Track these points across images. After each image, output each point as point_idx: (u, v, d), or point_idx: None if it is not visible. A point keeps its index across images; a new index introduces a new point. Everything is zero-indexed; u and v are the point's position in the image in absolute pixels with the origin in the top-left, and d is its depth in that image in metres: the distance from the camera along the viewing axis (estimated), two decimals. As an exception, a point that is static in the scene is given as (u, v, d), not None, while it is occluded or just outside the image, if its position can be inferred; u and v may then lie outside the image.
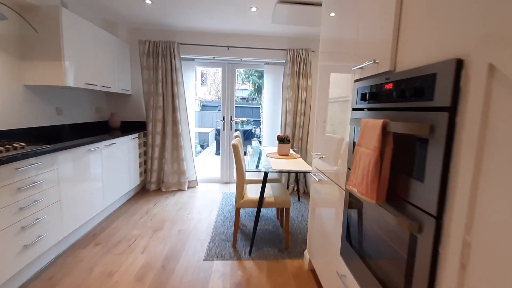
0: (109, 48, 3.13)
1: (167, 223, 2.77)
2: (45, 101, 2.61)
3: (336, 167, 1.45)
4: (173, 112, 3.75)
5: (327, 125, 1.64)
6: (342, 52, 1.43)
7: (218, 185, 4.18)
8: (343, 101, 1.41)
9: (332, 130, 1.55)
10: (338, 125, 1.45)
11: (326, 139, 1.66)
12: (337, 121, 1.47)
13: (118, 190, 3.00)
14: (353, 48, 1.28)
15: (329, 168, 1.58)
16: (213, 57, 3.94)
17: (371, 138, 0.94)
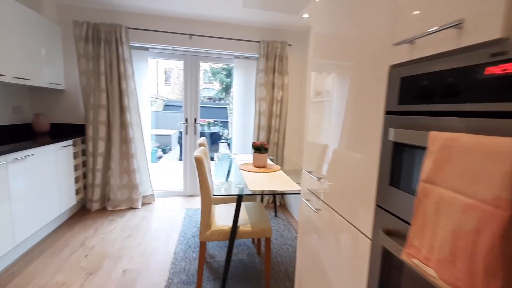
0: (28, 28, 2.33)
1: (108, 260, 2.09)
2: None
3: (352, 201, 0.96)
4: (121, 113, 3.02)
5: (326, 136, 1.15)
6: (364, 26, 0.94)
7: (181, 200, 3.53)
8: (364, 103, 0.92)
9: (343, 143, 1.06)
10: (353, 137, 0.96)
11: (331, 155, 1.16)
12: (351, 132, 0.98)
13: (40, 218, 2.23)
14: (390, 9, 0.79)
15: (336, 197, 1.08)
16: (172, 47, 3.29)
17: (479, 176, 0.45)
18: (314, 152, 1.32)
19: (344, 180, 1.01)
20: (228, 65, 11.19)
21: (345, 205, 1.00)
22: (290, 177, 2.01)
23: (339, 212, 1.05)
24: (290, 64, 3.50)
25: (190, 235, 2.56)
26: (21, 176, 1.99)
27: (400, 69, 0.73)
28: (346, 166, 1.00)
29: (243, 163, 2.46)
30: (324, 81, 1.23)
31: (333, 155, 1.11)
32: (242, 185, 1.79)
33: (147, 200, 3.33)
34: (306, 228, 1.40)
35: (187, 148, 3.63)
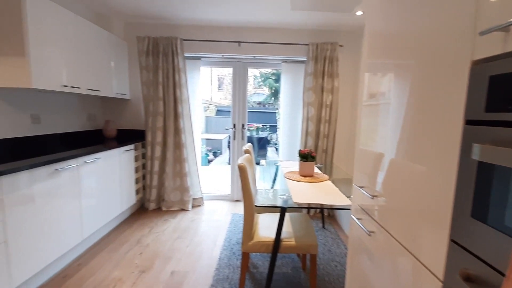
0: (100, 45, 2.65)
1: (159, 260, 2.20)
2: (14, 107, 2.14)
3: (415, 227, 0.80)
4: (175, 119, 3.21)
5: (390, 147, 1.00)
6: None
7: (227, 204, 3.59)
8: (433, 107, 0.76)
9: (403, 152, 0.90)
10: (417, 146, 0.80)
11: (387, 166, 1.01)
12: (415, 139, 0.82)
13: (105, 215, 2.48)
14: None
15: (394, 219, 0.93)
16: (222, 55, 3.39)
17: None
18: (366, 162, 1.17)
19: (404, 199, 0.85)
20: (276, 70, 11.24)
21: (406, 231, 0.84)
22: (339, 189, 1.85)
23: (398, 238, 0.89)
24: (341, 66, 3.29)
25: (235, 241, 2.56)
26: (90, 176, 2.24)
27: (488, 65, 0.57)
28: (408, 181, 0.84)
29: (288, 171, 2.36)
30: (381, 82, 1.08)
31: (390, 166, 0.96)
32: (287, 195, 1.70)
33: (196, 203, 3.47)
34: (357, 249, 1.25)
35: (235, 153, 3.68)
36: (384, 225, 0.98)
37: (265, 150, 7.85)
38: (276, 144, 10.04)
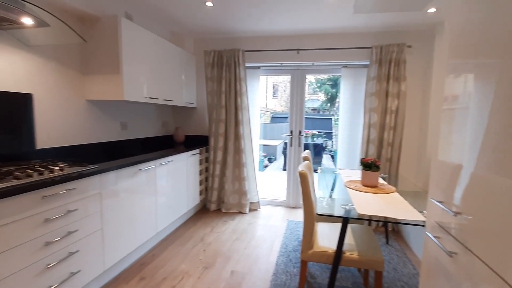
0: (174, 60, 2.99)
1: (220, 258, 2.34)
2: (109, 116, 2.56)
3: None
4: (235, 126, 3.40)
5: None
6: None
7: (283, 210, 3.61)
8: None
9: (496, 165, 0.81)
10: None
11: (476, 181, 0.91)
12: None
13: (174, 212, 2.75)
14: None
15: (484, 242, 0.83)
16: (280, 63, 3.47)
17: None
18: (447, 173, 1.07)
19: (497, 218, 0.76)
20: (333, 76, 10.87)
21: (498, 254, 0.75)
22: (408, 202, 1.70)
23: (487, 262, 0.79)
24: (409, 69, 3.04)
25: (291, 248, 2.55)
26: (164, 176, 2.52)
27: None
28: (502, 197, 0.75)
29: (349, 180, 2.28)
30: (466, 84, 0.99)
31: (478, 179, 0.86)
32: (349, 206, 1.65)
33: (253, 207, 3.58)
34: (433, 271, 1.14)
35: (291, 160, 3.70)
36: (469, 246, 0.88)
37: (320, 157, 7.66)
38: (331, 151, 9.69)
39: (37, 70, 1.89)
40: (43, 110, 1.94)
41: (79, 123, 2.24)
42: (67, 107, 2.13)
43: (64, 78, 2.10)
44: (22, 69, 1.78)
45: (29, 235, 1.32)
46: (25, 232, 1.30)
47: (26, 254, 1.31)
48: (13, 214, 1.25)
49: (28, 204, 1.31)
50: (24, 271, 1.30)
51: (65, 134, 2.12)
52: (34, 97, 1.86)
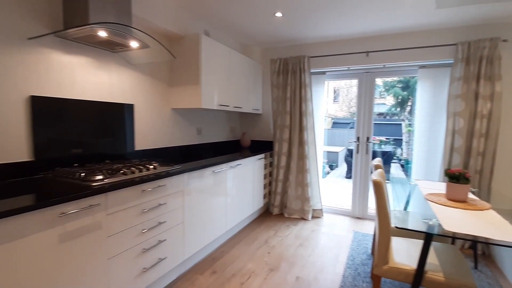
0: (243, 69, 3.19)
1: (285, 263, 2.37)
2: (188, 122, 2.87)
3: None
4: (299, 132, 3.42)
5: None
6: None
7: (348, 220, 3.45)
8: None
9: None
10: None
11: None
12: None
13: (241, 213, 2.90)
14: None
15: None
16: (347, 67, 3.36)
17: None
18: None
19: None
20: (405, 77, 9.90)
21: None
22: (509, 221, 1.46)
23: None
24: (505, 66, 2.61)
25: (359, 262, 2.42)
26: (233, 179, 2.70)
27: None
28: None
29: (430, 192, 2.06)
30: None
31: None
32: (433, 221, 1.50)
33: (316, 214, 3.51)
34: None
35: (357, 168, 3.52)
36: None
37: (388, 166, 7.06)
38: (401, 160, 8.81)
39: (137, 84, 2.26)
40: (140, 117, 2.30)
41: (165, 129, 2.58)
42: (157, 115, 2.48)
43: (156, 90, 2.45)
44: (127, 84, 2.16)
45: (132, 222, 1.58)
46: (129, 220, 1.56)
47: (129, 238, 1.57)
48: (122, 204, 1.51)
49: (132, 196, 1.57)
50: (128, 252, 1.56)
51: (155, 138, 2.47)
52: (135, 107, 2.23)
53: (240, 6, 2.42)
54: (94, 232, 1.37)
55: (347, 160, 6.72)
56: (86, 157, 1.85)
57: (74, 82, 1.78)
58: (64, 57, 1.71)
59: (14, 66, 1.48)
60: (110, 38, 1.65)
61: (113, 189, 1.43)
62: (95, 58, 1.90)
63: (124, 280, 1.55)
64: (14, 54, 1.48)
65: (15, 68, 1.48)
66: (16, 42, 1.48)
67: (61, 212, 1.21)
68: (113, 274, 1.48)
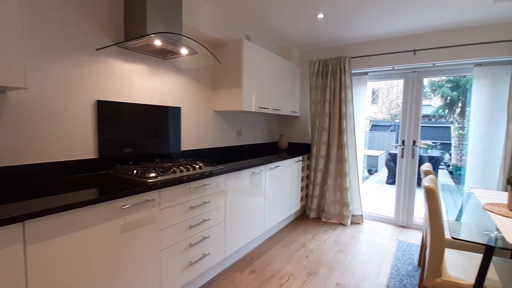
0: (281, 72, 3.21)
1: (324, 267, 2.33)
2: (228, 124, 2.97)
3: None
4: (339, 134, 3.33)
5: None
6: None
7: (391, 228, 3.27)
8: None
9: None
10: None
11: None
12: None
13: (279, 214, 2.92)
14: None
15: None
16: (392, 67, 3.21)
17: None
18: None
19: None
20: (455, 77, 9.07)
21: None
22: None
23: None
24: None
25: (405, 273, 2.29)
26: (272, 180, 2.72)
27: None
28: None
29: (488, 202, 1.88)
30: None
31: None
32: (495, 233, 1.37)
33: (355, 220, 3.39)
34: None
35: (402, 173, 3.32)
36: None
37: (435, 172, 6.53)
38: (449, 166, 8.09)
39: (184, 88, 2.40)
40: (186, 119, 2.44)
41: (207, 130, 2.70)
42: (201, 117, 2.60)
43: (200, 94, 2.58)
44: (175, 88, 2.31)
45: (181, 218, 1.69)
46: (178, 215, 1.67)
47: (178, 232, 1.67)
48: (173, 200, 1.62)
49: (181, 193, 1.67)
50: (177, 245, 1.67)
51: (198, 139, 2.60)
52: (181, 109, 2.37)
53: (282, 10, 2.45)
54: (149, 225, 1.48)
55: (388, 164, 6.37)
56: (139, 155, 2.01)
57: (131, 87, 1.95)
58: (124, 65, 1.89)
59: (84, 73, 1.68)
60: (164, 47, 1.79)
61: (165, 186, 1.54)
62: (149, 65, 2.07)
63: (173, 271, 1.66)
64: (85, 63, 1.67)
65: (85, 76, 1.68)
66: (87, 53, 1.68)
67: (123, 205, 1.34)
68: (164, 265, 1.59)
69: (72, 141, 1.64)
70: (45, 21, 1.48)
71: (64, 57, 1.57)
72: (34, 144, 1.48)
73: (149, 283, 1.51)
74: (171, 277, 1.65)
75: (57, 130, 1.57)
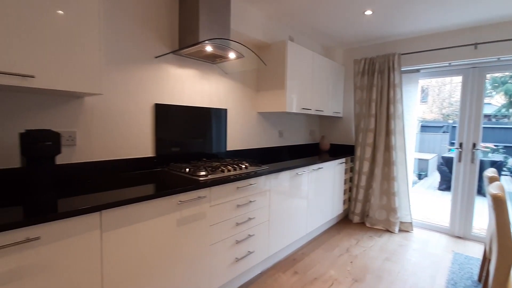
0: (325, 72, 3.16)
1: (370, 275, 2.23)
2: (271, 125, 3.01)
3: None
4: (386, 136, 3.16)
5: None
6: None
7: (445, 238, 3.00)
8: None
9: None
10: None
11: None
12: None
13: (321, 217, 2.87)
14: None
15: None
16: (448, 63, 2.95)
17: None
18: None
19: None
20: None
21: None
22: None
23: None
24: None
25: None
26: (314, 182, 2.69)
27: None
28: None
29: None
30: None
31: None
32: None
33: (404, 227, 3.18)
34: None
35: (459, 179, 3.03)
36: None
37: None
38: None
39: (230, 91, 2.50)
40: (231, 121, 2.53)
41: (251, 131, 2.76)
42: (245, 118, 2.68)
43: (245, 96, 2.65)
44: (222, 91, 2.41)
45: (228, 215, 1.76)
46: (226, 213, 1.74)
47: (226, 229, 1.75)
48: (222, 198, 1.70)
49: (229, 192, 1.75)
50: (225, 241, 1.75)
51: (242, 140, 2.67)
52: (227, 111, 2.47)
53: (328, 9, 2.42)
54: (201, 220, 1.58)
55: (441, 169, 5.84)
56: (188, 154, 2.14)
57: (183, 91, 2.09)
58: (177, 70, 2.03)
59: (144, 79, 1.84)
60: (214, 52, 1.89)
61: (215, 184, 1.62)
62: (199, 69, 2.19)
63: (221, 266, 1.74)
64: (146, 70, 1.84)
65: (145, 81, 1.85)
66: (147, 61, 1.84)
67: (180, 200, 1.44)
68: (213, 259, 1.68)
69: (134, 141, 1.82)
70: (114, 34, 1.66)
71: (128, 65, 1.75)
72: (104, 143, 1.67)
73: (200, 274, 1.60)
74: (220, 271, 1.73)
75: (122, 131, 1.75)
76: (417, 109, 3.29)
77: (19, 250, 0.95)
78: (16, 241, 0.94)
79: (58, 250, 1.04)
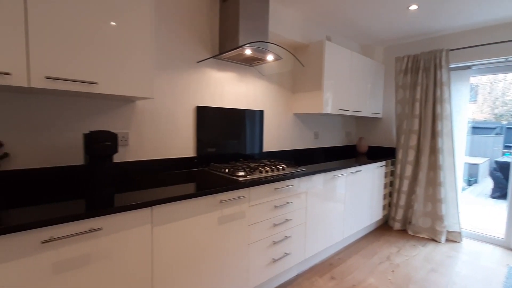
0: (363, 71, 3.04)
1: (414, 286, 2.10)
2: (306, 126, 2.98)
3: None
4: (432, 138, 2.95)
5: None
6: None
7: (499, 251, 2.72)
8: None
9: None
10: None
11: None
12: None
13: (358, 222, 2.77)
14: None
15: None
16: (504, 58, 2.67)
17: None
18: None
19: None
20: None
21: None
22: None
23: None
24: None
25: (526, 308, 1.87)
26: (352, 185, 2.60)
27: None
28: None
29: None
30: None
31: None
32: None
33: (451, 237, 2.94)
34: None
35: (519, 186, 2.72)
36: None
37: None
38: None
39: (267, 92, 2.52)
40: (267, 122, 2.56)
41: (287, 133, 2.76)
42: (281, 120, 2.69)
43: (281, 97, 2.67)
44: (259, 93, 2.45)
45: (266, 216, 1.78)
46: (264, 213, 1.76)
47: (264, 229, 1.77)
48: (260, 198, 1.73)
49: (267, 193, 1.77)
50: (262, 241, 1.77)
51: (278, 141, 2.68)
52: (264, 112, 2.50)
53: (368, 6, 2.33)
54: (240, 220, 1.62)
55: (495, 175, 5.30)
56: (226, 155, 2.21)
57: (222, 93, 2.16)
58: (217, 74, 2.11)
59: (187, 83, 1.94)
60: (253, 55, 1.93)
61: (254, 184, 1.65)
62: (238, 72, 2.25)
63: (259, 265, 1.76)
64: (189, 75, 1.94)
65: (188, 85, 1.95)
66: (191, 66, 1.94)
67: (221, 199, 1.50)
68: (251, 258, 1.71)
69: (178, 142, 1.92)
70: (162, 40, 1.78)
71: (173, 70, 1.86)
72: (152, 143, 1.79)
73: (239, 272, 1.64)
74: (257, 270, 1.76)
75: (168, 132, 1.86)
76: (467, 109, 3.02)
77: (85, 239, 1.06)
78: (81, 231, 1.05)
79: (116, 240, 1.14)
